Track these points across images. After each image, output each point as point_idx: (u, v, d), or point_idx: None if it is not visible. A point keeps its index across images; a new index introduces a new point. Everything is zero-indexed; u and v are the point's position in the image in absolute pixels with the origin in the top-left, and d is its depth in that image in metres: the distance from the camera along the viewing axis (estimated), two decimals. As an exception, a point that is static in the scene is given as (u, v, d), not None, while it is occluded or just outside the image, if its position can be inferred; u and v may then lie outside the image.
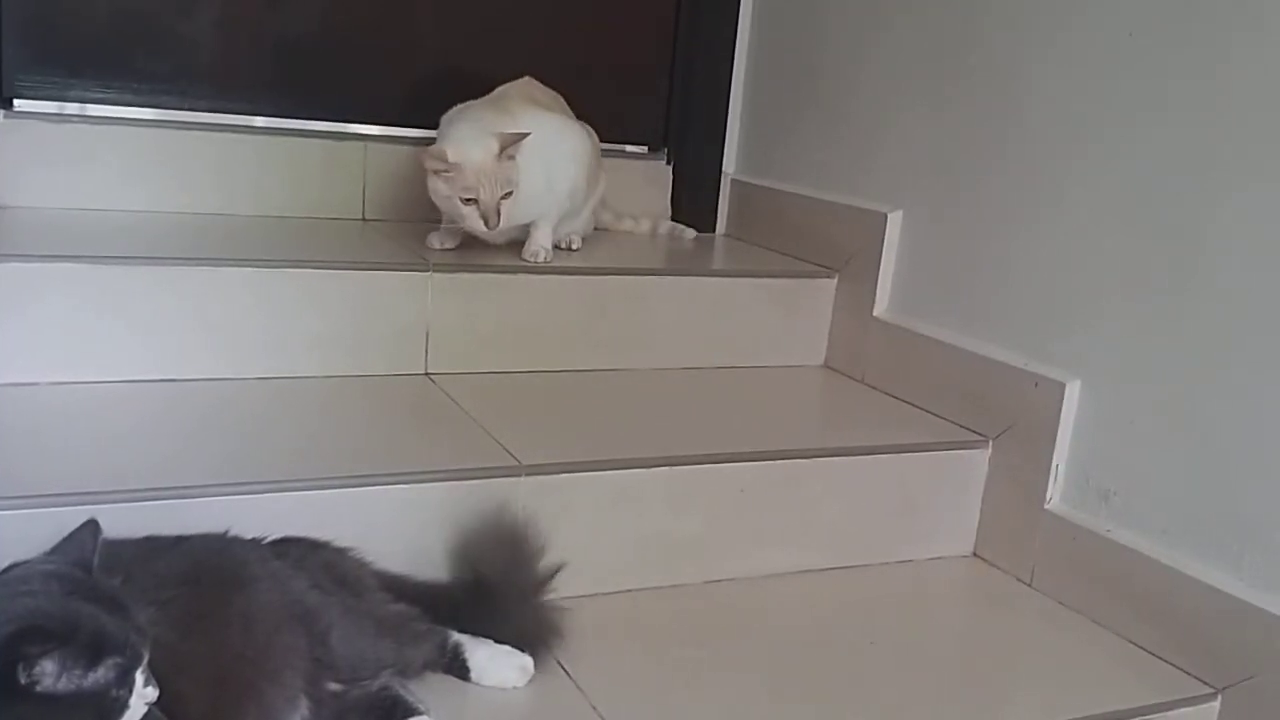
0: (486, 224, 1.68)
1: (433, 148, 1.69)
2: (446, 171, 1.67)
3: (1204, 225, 1.37)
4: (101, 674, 0.81)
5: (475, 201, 1.67)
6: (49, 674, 0.79)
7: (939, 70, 1.77)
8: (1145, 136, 1.44)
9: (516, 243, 1.81)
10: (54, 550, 0.90)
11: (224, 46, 1.94)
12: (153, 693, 0.84)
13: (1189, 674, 1.35)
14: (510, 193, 1.69)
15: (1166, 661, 1.37)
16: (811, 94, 2.07)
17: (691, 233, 2.19)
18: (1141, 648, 1.40)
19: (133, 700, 0.83)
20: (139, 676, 0.83)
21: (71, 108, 1.85)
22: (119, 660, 0.82)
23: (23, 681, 0.78)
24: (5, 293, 1.43)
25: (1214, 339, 1.36)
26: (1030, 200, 1.60)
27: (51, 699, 0.79)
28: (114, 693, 0.81)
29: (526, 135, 1.69)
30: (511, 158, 1.69)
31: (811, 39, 2.07)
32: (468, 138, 1.69)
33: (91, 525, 0.90)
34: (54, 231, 1.65)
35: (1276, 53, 1.29)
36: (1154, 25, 1.43)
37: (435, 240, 1.81)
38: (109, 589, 0.87)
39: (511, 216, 1.72)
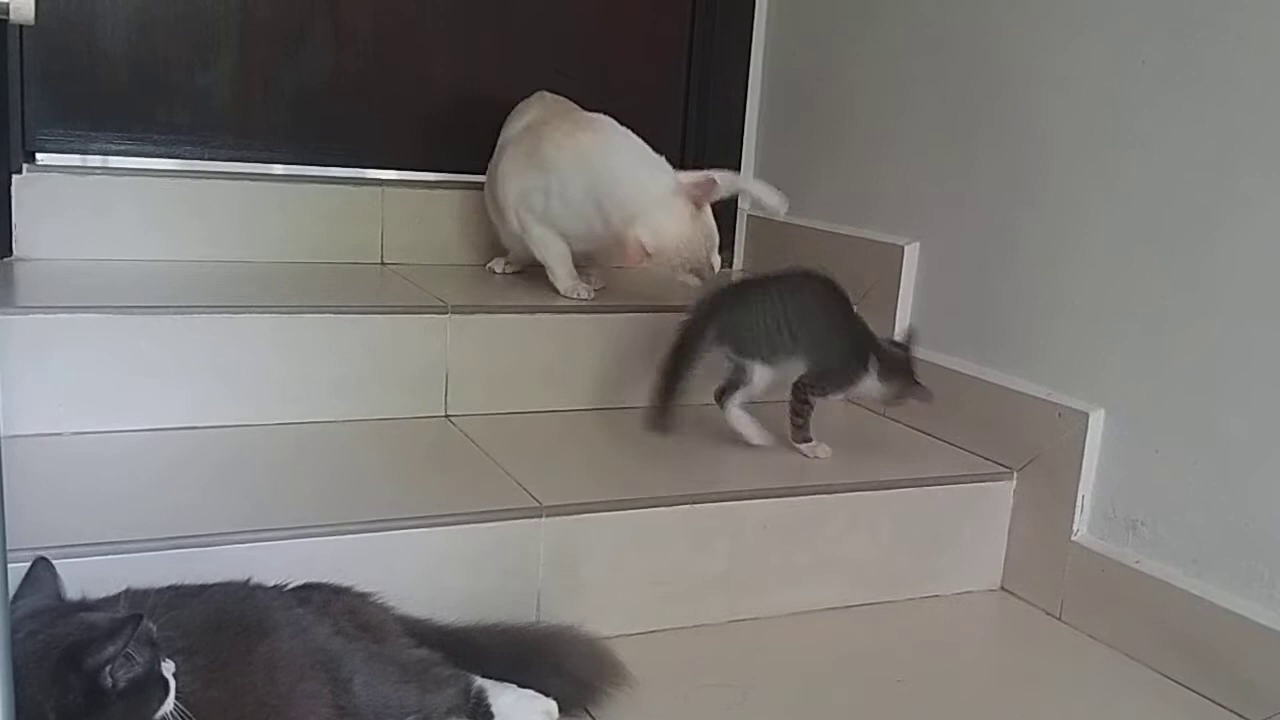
0: (702, 278, 1.68)
1: (631, 241, 1.59)
2: (650, 256, 1.61)
3: (1224, 253, 1.36)
4: (148, 652, 0.88)
5: (693, 272, 1.68)
6: (123, 666, 0.86)
7: (953, 102, 1.78)
8: (1162, 165, 1.44)
9: (533, 277, 1.82)
10: (19, 595, 0.93)
11: (242, 96, 1.96)
12: (171, 665, 0.90)
13: (1223, 706, 1.33)
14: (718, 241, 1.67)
15: (1200, 694, 1.35)
16: (825, 127, 2.07)
17: None
18: (1174, 680, 1.38)
19: (167, 672, 0.89)
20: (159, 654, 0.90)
21: (93, 160, 1.88)
22: (148, 636, 0.89)
23: (109, 685, 0.85)
24: (29, 344, 1.45)
25: (1237, 365, 1.35)
26: (1048, 229, 1.60)
27: (133, 688, 0.86)
28: (158, 667, 0.88)
29: (714, 181, 1.60)
30: (704, 205, 1.65)
31: (824, 72, 2.08)
32: (651, 207, 1.60)
33: (43, 562, 0.96)
34: (77, 283, 1.67)
35: (1291, 78, 1.29)
36: (1168, 54, 1.43)
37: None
38: (86, 601, 0.95)
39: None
